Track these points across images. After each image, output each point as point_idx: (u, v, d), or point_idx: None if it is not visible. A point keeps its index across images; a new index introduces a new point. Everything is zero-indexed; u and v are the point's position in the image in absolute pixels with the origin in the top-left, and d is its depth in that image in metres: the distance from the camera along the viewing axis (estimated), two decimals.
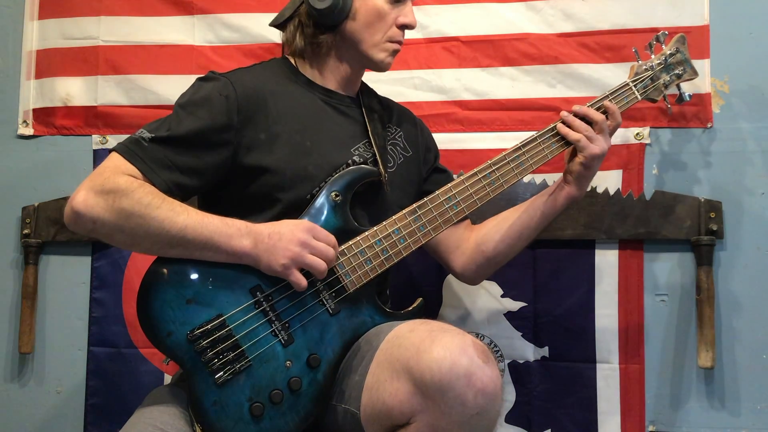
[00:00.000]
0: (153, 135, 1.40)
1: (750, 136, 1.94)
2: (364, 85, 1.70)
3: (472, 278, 1.74)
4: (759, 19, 1.96)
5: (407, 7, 1.58)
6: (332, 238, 1.40)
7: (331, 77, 1.60)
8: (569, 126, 1.56)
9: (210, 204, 1.51)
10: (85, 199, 1.33)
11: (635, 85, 1.64)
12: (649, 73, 1.66)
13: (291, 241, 1.36)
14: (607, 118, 1.57)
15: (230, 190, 1.48)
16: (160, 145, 1.39)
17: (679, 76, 1.68)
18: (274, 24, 1.63)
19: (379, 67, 1.60)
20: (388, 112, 1.72)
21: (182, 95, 1.49)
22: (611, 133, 1.58)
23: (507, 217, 1.68)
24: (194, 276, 1.36)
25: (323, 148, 1.51)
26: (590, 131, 1.55)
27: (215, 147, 1.43)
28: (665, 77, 1.66)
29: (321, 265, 1.37)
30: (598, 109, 1.58)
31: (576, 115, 1.57)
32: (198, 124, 1.42)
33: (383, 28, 1.56)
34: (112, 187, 1.33)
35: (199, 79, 1.51)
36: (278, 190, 1.46)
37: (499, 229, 1.67)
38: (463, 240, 1.72)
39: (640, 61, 1.67)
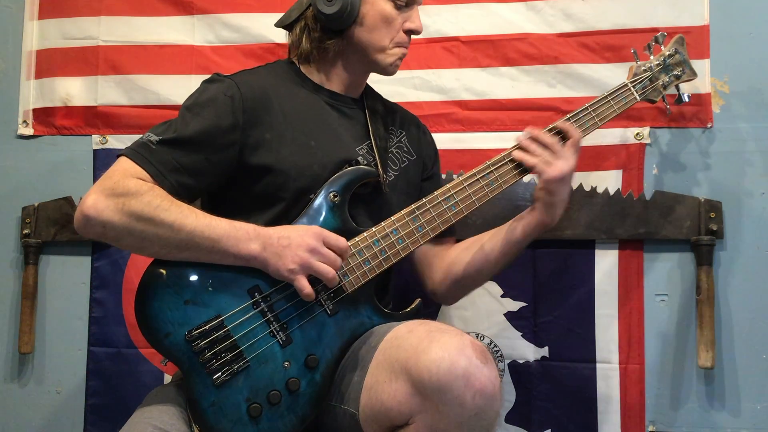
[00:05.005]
0: (160, 138, 1.40)
1: (750, 136, 1.94)
2: (368, 88, 1.70)
3: (444, 297, 1.72)
4: (759, 19, 1.95)
5: (414, 12, 1.58)
6: (342, 242, 1.39)
7: (336, 80, 1.60)
8: (525, 150, 1.53)
9: (214, 204, 1.51)
10: (95, 202, 1.33)
11: (634, 86, 1.63)
12: (648, 74, 1.66)
13: (300, 246, 1.35)
14: (563, 138, 1.54)
15: (235, 190, 1.49)
16: (168, 147, 1.40)
17: (678, 77, 1.68)
18: (280, 25, 1.63)
19: (386, 71, 1.60)
20: (392, 115, 1.72)
21: (188, 98, 1.49)
22: (575, 150, 1.53)
23: (478, 239, 1.65)
24: (192, 277, 1.36)
25: (328, 148, 1.52)
26: (545, 154, 1.51)
27: (221, 147, 1.44)
28: (664, 78, 1.66)
29: (329, 272, 1.36)
30: (553, 132, 1.54)
31: (531, 139, 1.53)
32: (204, 124, 1.43)
33: (390, 34, 1.56)
34: (122, 190, 1.33)
35: (204, 82, 1.52)
36: (283, 189, 1.46)
37: (468, 252, 1.63)
38: (439, 258, 1.68)
39: (638, 62, 1.67)
